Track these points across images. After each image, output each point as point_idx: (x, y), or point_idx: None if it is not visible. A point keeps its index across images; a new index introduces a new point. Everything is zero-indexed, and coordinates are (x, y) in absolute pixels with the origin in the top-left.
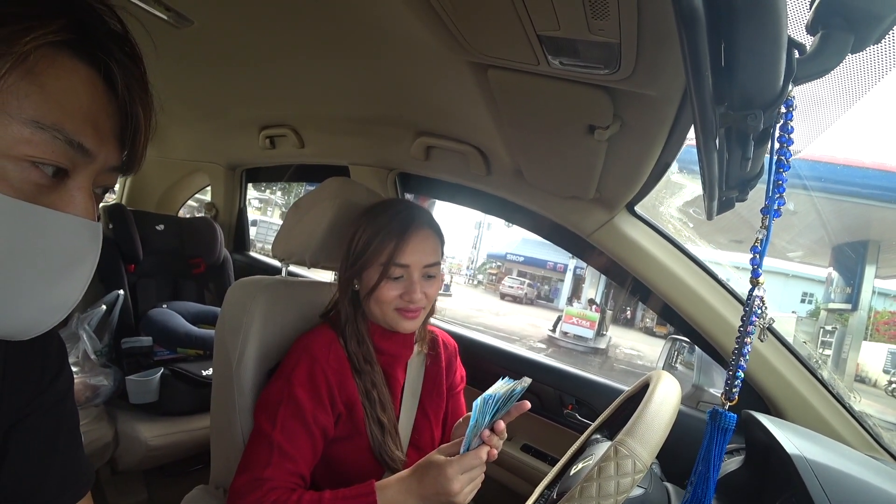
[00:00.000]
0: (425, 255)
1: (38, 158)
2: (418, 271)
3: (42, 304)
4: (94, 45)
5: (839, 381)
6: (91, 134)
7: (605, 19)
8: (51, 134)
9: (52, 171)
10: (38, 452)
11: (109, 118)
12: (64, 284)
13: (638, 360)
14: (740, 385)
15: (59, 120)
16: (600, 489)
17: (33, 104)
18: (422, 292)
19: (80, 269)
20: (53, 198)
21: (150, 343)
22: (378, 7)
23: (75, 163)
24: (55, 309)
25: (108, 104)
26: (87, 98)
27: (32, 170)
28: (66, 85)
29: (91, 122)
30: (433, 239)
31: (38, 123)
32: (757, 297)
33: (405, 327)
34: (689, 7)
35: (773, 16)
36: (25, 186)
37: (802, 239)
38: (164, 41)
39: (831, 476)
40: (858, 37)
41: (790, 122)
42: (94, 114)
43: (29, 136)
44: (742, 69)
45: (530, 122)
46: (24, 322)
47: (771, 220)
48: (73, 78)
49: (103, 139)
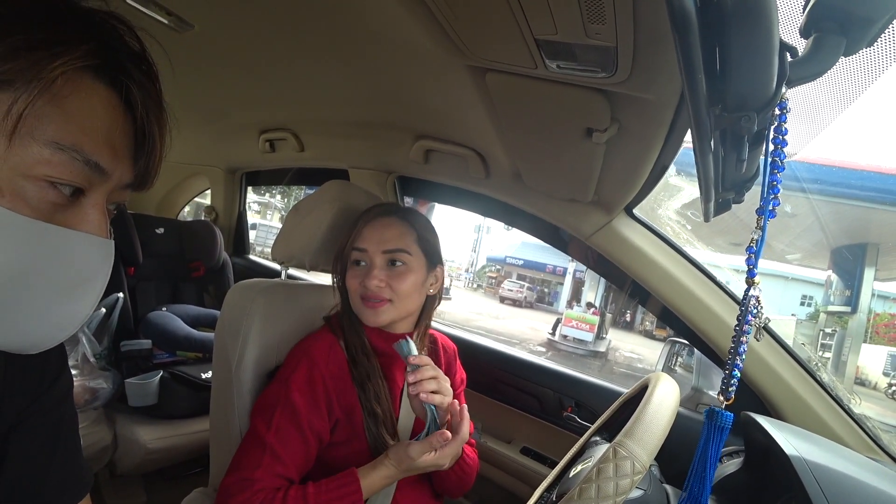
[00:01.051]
0: (382, 240)
1: (56, 179)
2: (378, 257)
3: (53, 321)
4: (115, 67)
5: (839, 384)
6: (107, 153)
7: (601, 23)
8: (70, 155)
9: (68, 191)
10: (37, 455)
11: (125, 137)
12: (75, 301)
13: (638, 363)
14: (737, 384)
15: (78, 141)
16: (599, 490)
17: (54, 126)
18: (381, 280)
19: (92, 286)
20: (68, 215)
21: (149, 346)
22: (378, 12)
23: (91, 182)
24: (66, 325)
25: (125, 123)
26: (105, 118)
27: (50, 189)
28: (86, 106)
29: (108, 141)
30: (398, 226)
31: (58, 145)
32: (752, 296)
33: (368, 318)
34: (683, 12)
35: (765, 20)
36: (43, 206)
37: (801, 242)
38: (164, 45)
39: (830, 477)
40: (851, 40)
41: (784, 124)
42: (112, 133)
43: (49, 157)
44: (735, 72)
45: (528, 125)
46: (35, 338)
47: (766, 221)
48: (92, 99)
49: (119, 158)
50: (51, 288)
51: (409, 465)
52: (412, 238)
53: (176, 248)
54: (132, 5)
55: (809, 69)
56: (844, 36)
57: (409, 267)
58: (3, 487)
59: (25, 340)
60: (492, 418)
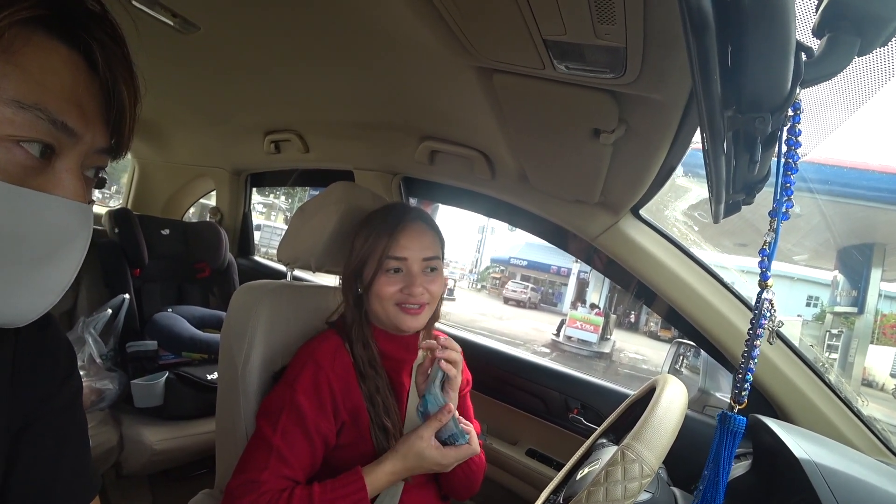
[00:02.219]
0: (422, 247)
1: (21, 137)
2: (417, 264)
3: (34, 288)
4: (72, 25)
5: (846, 385)
6: (75, 113)
7: (611, 24)
8: (33, 113)
9: (38, 151)
10: (47, 456)
11: (93, 98)
12: (55, 267)
13: (642, 364)
14: (749, 388)
15: (40, 99)
16: (607, 493)
17: (13, 84)
18: (423, 287)
19: (71, 251)
20: (41, 180)
21: (154, 347)
22: (384, 13)
23: (61, 143)
24: (48, 292)
25: (91, 84)
26: (68, 78)
27: (17, 149)
28: (46, 65)
29: (74, 101)
30: (430, 234)
31: (19, 103)
32: (766, 299)
33: (408, 324)
34: (700, 13)
35: (782, 19)
36: (11, 168)
37: (807, 242)
38: (170, 47)
39: (841, 480)
40: (865, 40)
41: (798, 125)
42: (78, 94)
43: (11, 117)
44: (750, 73)
45: (535, 126)
46: (19, 306)
47: (779, 223)
48: (52, 58)
49: (88, 119)
50: (27, 253)
51: (416, 453)
52: (439, 243)
53: (181, 250)
54: (138, 7)
55: (824, 69)
56: (859, 35)
57: (439, 271)
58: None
59: (7, 310)
60: (497, 420)
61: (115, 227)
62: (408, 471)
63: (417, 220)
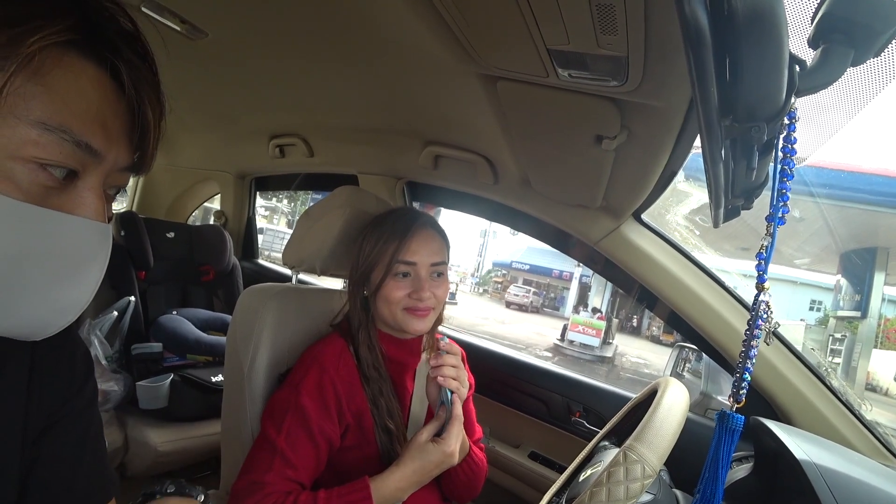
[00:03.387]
0: (431, 253)
1: (45, 160)
2: (425, 269)
3: (52, 306)
4: (101, 45)
5: (849, 389)
6: (99, 134)
7: (613, 34)
8: (58, 135)
9: (61, 174)
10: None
11: (118, 117)
12: (74, 286)
13: (644, 368)
14: (747, 387)
15: (65, 121)
16: (610, 494)
17: (40, 105)
18: (430, 291)
19: (90, 270)
20: (63, 199)
21: (160, 349)
22: (391, 21)
23: (84, 164)
24: (65, 310)
25: (117, 104)
26: (95, 97)
27: (40, 172)
28: (73, 85)
29: (99, 121)
30: (438, 239)
31: (44, 125)
32: (762, 301)
33: (415, 327)
34: (696, 27)
35: (775, 34)
36: (34, 189)
37: (810, 246)
38: (177, 52)
39: (842, 482)
40: (858, 51)
41: (793, 133)
42: (103, 113)
43: (36, 138)
44: (746, 84)
45: (539, 132)
46: (35, 323)
47: (775, 228)
48: (80, 77)
49: (112, 139)
50: (47, 273)
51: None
52: (446, 249)
53: (186, 252)
54: (147, 13)
55: (818, 79)
56: (852, 47)
57: (445, 276)
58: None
59: (27, 326)
60: (500, 423)
61: (120, 230)
62: (415, 474)
63: (427, 225)
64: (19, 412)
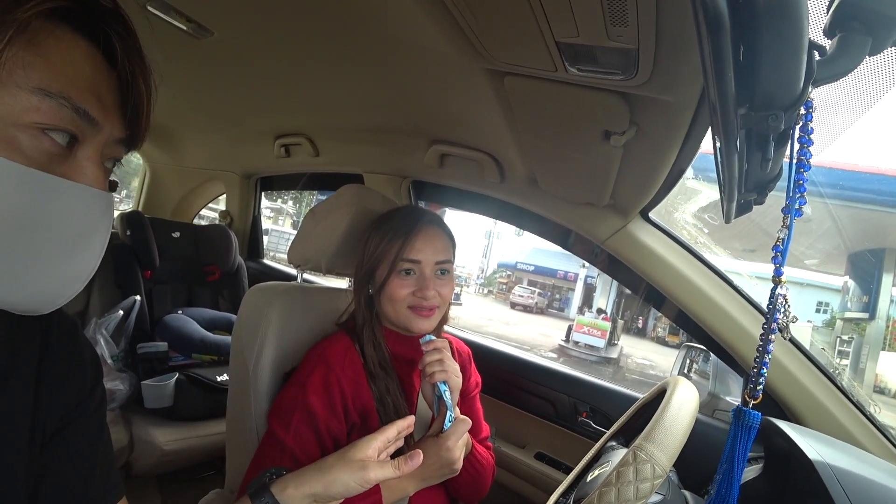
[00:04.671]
0: (435, 251)
1: (47, 125)
2: (430, 267)
3: (59, 275)
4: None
5: (858, 389)
6: (96, 104)
7: (623, 26)
8: (58, 101)
9: (63, 140)
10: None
11: (111, 91)
12: (79, 255)
13: (650, 370)
14: (764, 383)
15: (64, 88)
16: (619, 494)
17: (38, 73)
18: (435, 290)
19: (95, 239)
20: (65, 168)
21: (165, 348)
22: (398, 18)
23: (83, 132)
24: (72, 280)
25: (109, 77)
26: (89, 69)
27: (43, 138)
28: (68, 56)
29: (94, 92)
30: (443, 238)
31: (44, 91)
32: (780, 295)
33: (420, 326)
34: (715, 12)
35: (796, 17)
36: (37, 155)
37: (818, 247)
38: (183, 51)
39: (856, 483)
40: (876, 40)
41: (810, 123)
42: (97, 85)
43: (37, 104)
44: (763, 71)
45: (546, 128)
46: (44, 294)
47: (792, 220)
48: (74, 50)
49: (107, 110)
50: (53, 240)
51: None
52: (451, 247)
53: (191, 252)
54: (153, 12)
55: (836, 68)
56: (870, 35)
57: (451, 275)
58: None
59: (35, 298)
60: (506, 423)
61: (126, 230)
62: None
63: (432, 224)
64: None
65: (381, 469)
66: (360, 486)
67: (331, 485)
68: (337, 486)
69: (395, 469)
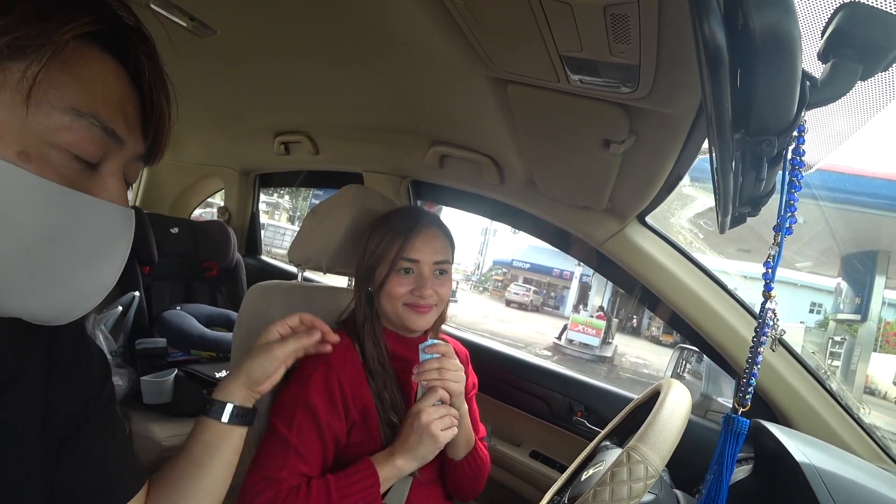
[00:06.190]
0: (434, 251)
1: (77, 145)
2: (428, 267)
3: (78, 289)
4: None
5: (848, 393)
6: (122, 122)
7: (626, 43)
8: (88, 121)
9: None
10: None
11: (135, 108)
12: (100, 269)
13: (644, 368)
14: (752, 392)
15: (94, 108)
16: (613, 494)
17: (71, 93)
18: (432, 289)
19: (115, 253)
20: (90, 184)
21: (164, 344)
22: (403, 22)
23: (108, 149)
24: (92, 293)
25: (134, 96)
26: (117, 88)
27: (72, 158)
28: (98, 76)
29: (121, 110)
30: (442, 238)
31: (76, 111)
32: (769, 309)
33: (416, 323)
34: (715, 48)
35: (790, 54)
36: (68, 172)
37: (811, 249)
38: (184, 49)
39: (841, 485)
40: (866, 67)
41: (802, 146)
42: (124, 103)
43: (69, 123)
44: (759, 100)
45: (547, 134)
46: (61, 306)
47: (783, 238)
48: (104, 70)
49: (131, 127)
50: (75, 254)
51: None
52: (450, 248)
53: (190, 248)
54: (156, 10)
55: (828, 94)
56: (861, 62)
57: (449, 275)
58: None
59: (50, 309)
60: (501, 421)
61: None
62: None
63: (432, 224)
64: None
65: (283, 346)
66: (271, 364)
67: (250, 370)
68: (255, 368)
69: (297, 341)
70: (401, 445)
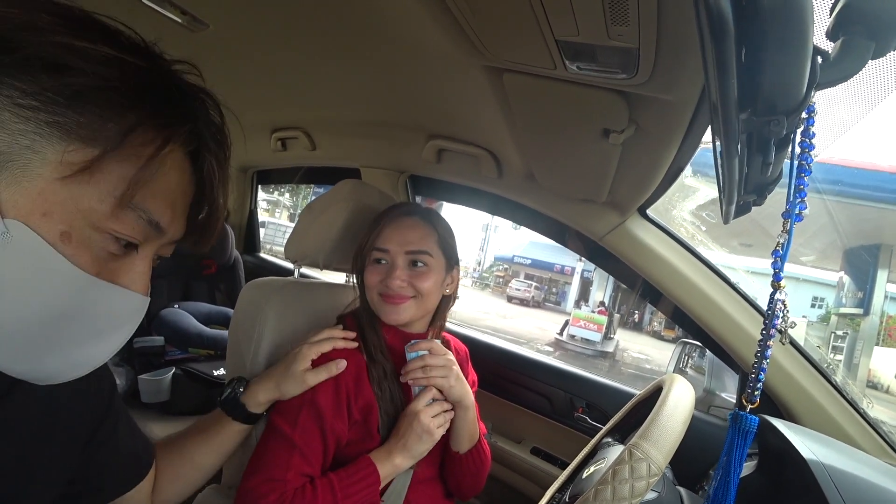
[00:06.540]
0: (406, 241)
1: (120, 234)
2: (401, 257)
3: (72, 361)
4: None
5: (853, 386)
6: (169, 213)
7: (624, 25)
8: (137, 213)
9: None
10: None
11: (186, 196)
12: (97, 347)
13: (646, 363)
14: (761, 387)
15: (146, 201)
16: (615, 492)
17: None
18: (403, 280)
19: (116, 335)
20: (119, 264)
21: (162, 343)
22: (397, 13)
23: (148, 237)
24: (82, 366)
25: (189, 185)
26: (175, 181)
27: (111, 241)
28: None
29: (171, 202)
30: (420, 228)
31: (129, 204)
32: (779, 300)
33: (389, 316)
34: (720, 18)
35: (800, 23)
36: (101, 255)
37: (814, 242)
38: (177, 44)
39: (849, 481)
40: (879, 44)
41: (811, 128)
42: (176, 194)
43: (118, 213)
44: (767, 76)
45: (545, 125)
46: (50, 372)
47: (792, 225)
48: (176, 170)
49: (176, 216)
50: (84, 333)
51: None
52: (434, 240)
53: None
54: (148, 5)
55: (839, 72)
56: (873, 39)
57: (430, 268)
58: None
59: (41, 373)
60: (502, 418)
61: None
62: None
63: (410, 215)
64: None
65: (315, 375)
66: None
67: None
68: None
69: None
70: (399, 445)
